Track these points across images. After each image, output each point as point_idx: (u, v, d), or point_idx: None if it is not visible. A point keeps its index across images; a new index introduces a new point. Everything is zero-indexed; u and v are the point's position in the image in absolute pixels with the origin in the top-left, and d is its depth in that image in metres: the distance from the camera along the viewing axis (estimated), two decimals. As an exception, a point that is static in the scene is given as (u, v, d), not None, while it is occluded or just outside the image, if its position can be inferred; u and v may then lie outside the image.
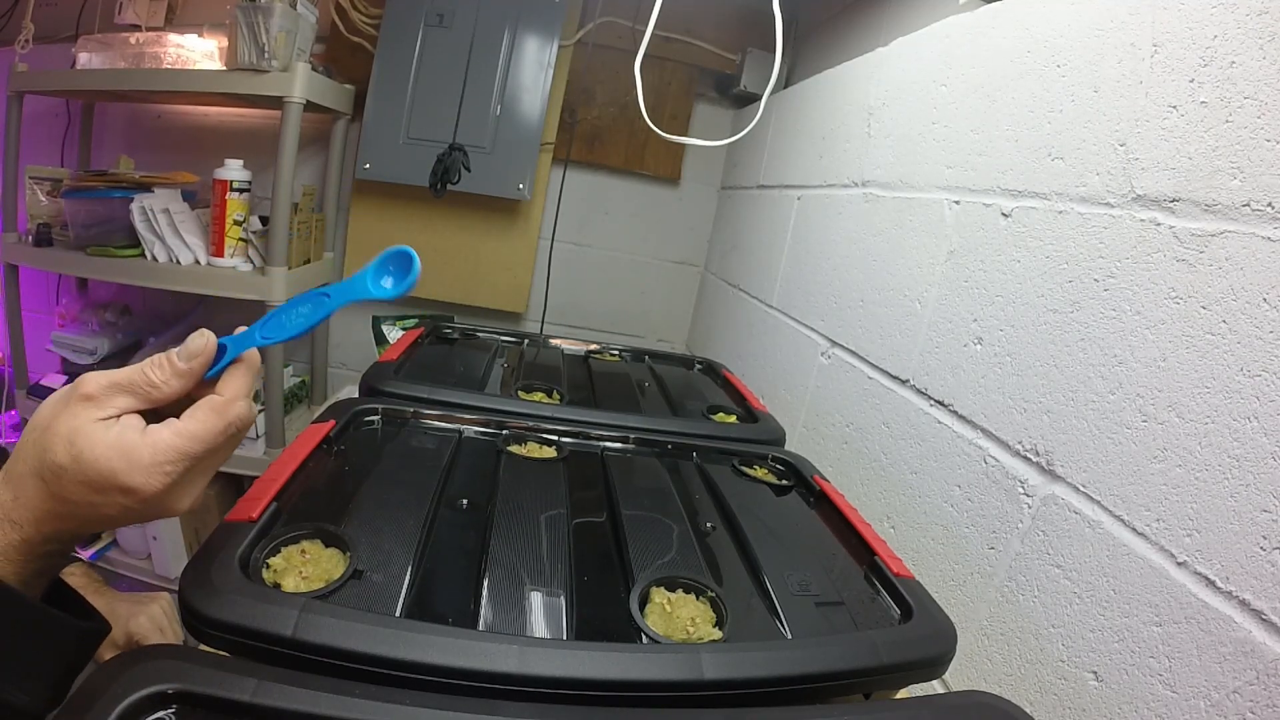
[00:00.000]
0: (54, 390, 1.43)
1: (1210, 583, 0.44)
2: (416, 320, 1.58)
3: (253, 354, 0.42)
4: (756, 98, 1.26)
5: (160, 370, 0.39)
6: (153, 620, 0.73)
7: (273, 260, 1.31)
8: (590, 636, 0.43)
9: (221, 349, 0.41)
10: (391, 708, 0.33)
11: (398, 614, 0.42)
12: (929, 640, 0.46)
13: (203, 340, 0.40)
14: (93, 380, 0.37)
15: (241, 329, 0.43)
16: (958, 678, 0.65)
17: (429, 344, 1.00)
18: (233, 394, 0.40)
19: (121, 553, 1.51)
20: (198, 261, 1.33)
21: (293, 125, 1.24)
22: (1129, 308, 0.53)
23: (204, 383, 0.41)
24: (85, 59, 1.36)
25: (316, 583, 0.42)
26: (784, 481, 0.71)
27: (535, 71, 1.47)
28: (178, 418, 0.39)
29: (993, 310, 0.68)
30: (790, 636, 0.46)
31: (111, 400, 0.37)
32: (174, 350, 0.40)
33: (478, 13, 1.44)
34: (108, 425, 0.37)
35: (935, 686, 0.57)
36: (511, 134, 1.48)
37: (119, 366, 0.39)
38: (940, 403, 0.74)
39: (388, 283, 0.43)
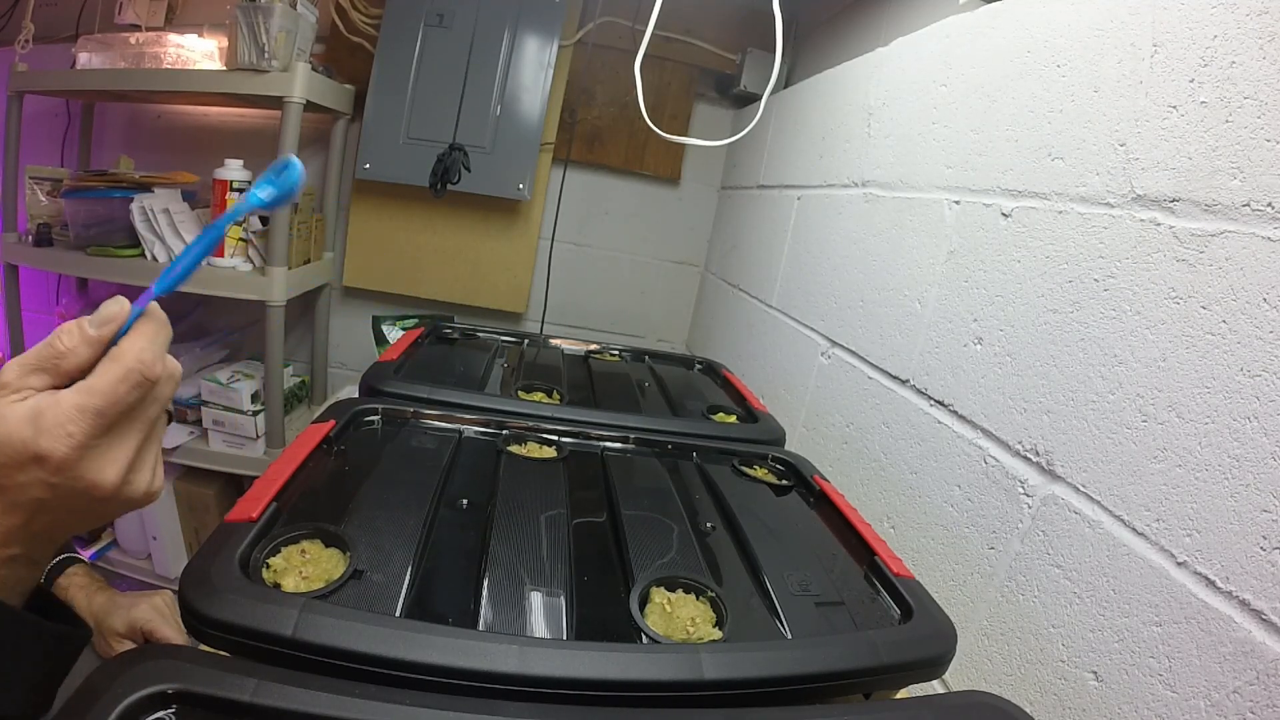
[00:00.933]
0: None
1: (1210, 583, 0.44)
2: (416, 320, 1.58)
3: (153, 307, 0.40)
4: (756, 98, 1.26)
5: (69, 336, 0.37)
6: (154, 609, 0.73)
7: (273, 260, 1.31)
8: (590, 636, 0.43)
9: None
10: (391, 708, 0.33)
11: (398, 614, 0.42)
12: (929, 640, 0.46)
13: (116, 306, 0.38)
14: (8, 368, 0.36)
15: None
16: (958, 678, 0.65)
17: (429, 344, 1.00)
18: (130, 342, 0.38)
19: (121, 553, 1.52)
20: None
21: (293, 125, 1.24)
22: (1129, 308, 0.53)
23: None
24: (85, 59, 1.36)
25: (316, 583, 0.42)
26: (784, 481, 0.71)
27: (535, 71, 1.47)
28: None
29: (993, 310, 0.68)
30: (790, 636, 0.46)
31: (25, 381, 0.36)
32: (85, 317, 0.38)
33: (478, 13, 1.44)
34: (21, 401, 0.35)
35: (935, 686, 0.57)
36: (511, 134, 1.48)
37: None
38: (940, 403, 0.74)
39: (266, 193, 0.42)
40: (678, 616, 0.45)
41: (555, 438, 0.71)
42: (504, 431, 0.71)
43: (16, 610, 0.36)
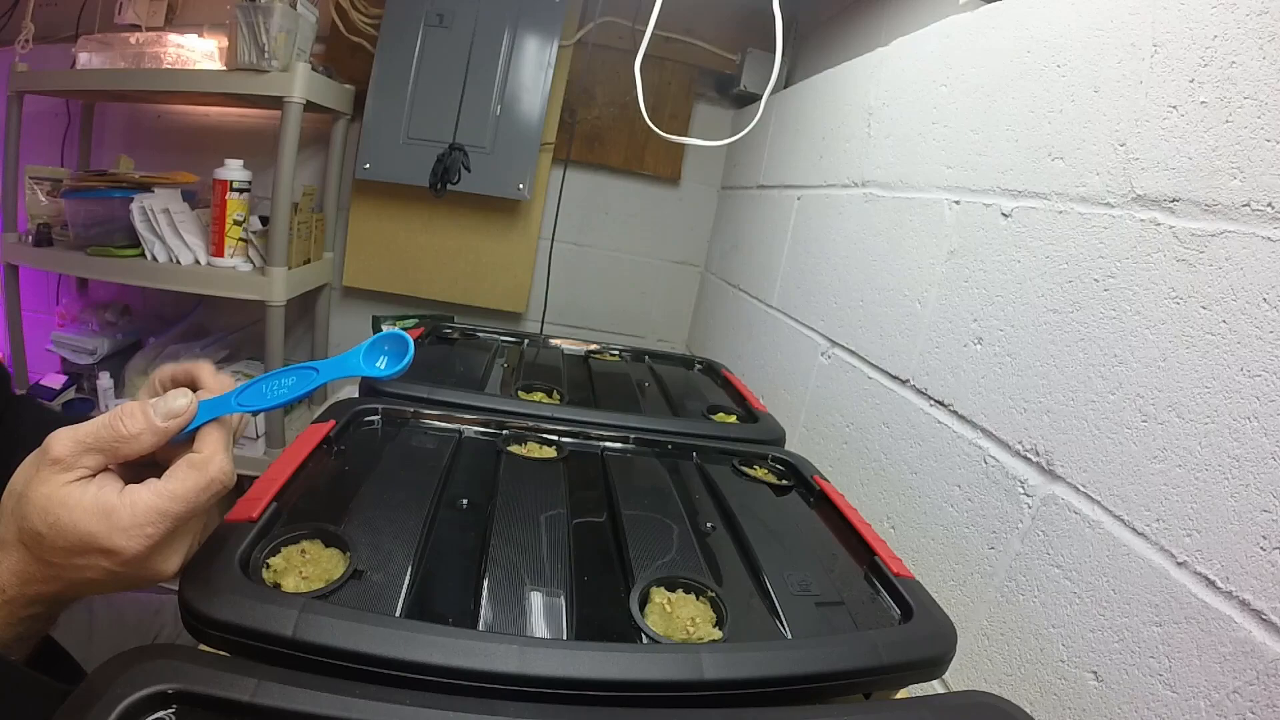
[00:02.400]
0: (54, 390, 1.42)
1: (1210, 583, 0.44)
2: (416, 320, 1.58)
3: (228, 416, 0.41)
4: (756, 98, 1.26)
5: (133, 421, 0.38)
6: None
7: (273, 260, 1.31)
8: (590, 636, 0.43)
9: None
10: (391, 708, 0.33)
11: (398, 614, 0.42)
12: (929, 640, 0.46)
13: (185, 401, 0.39)
14: (59, 442, 0.36)
15: (206, 394, 0.41)
16: (958, 678, 0.65)
17: (429, 344, 1.00)
18: (211, 450, 0.39)
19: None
20: (198, 261, 1.33)
21: (293, 125, 1.24)
22: (1129, 308, 0.53)
23: (171, 444, 0.39)
24: (85, 59, 1.36)
25: (316, 583, 0.42)
26: (784, 481, 0.71)
27: (535, 71, 1.47)
28: (154, 476, 0.38)
29: (993, 310, 0.68)
30: (790, 636, 0.46)
31: (80, 460, 0.36)
32: (150, 401, 0.39)
33: (478, 13, 1.44)
34: (83, 486, 0.36)
35: (935, 686, 0.57)
36: (511, 134, 1.48)
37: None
38: (940, 403, 0.74)
39: (382, 363, 0.43)
40: (678, 616, 0.45)
41: (555, 438, 0.71)
42: (504, 431, 0.71)
43: (29, 671, 0.37)
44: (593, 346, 1.10)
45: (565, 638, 0.42)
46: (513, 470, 0.63)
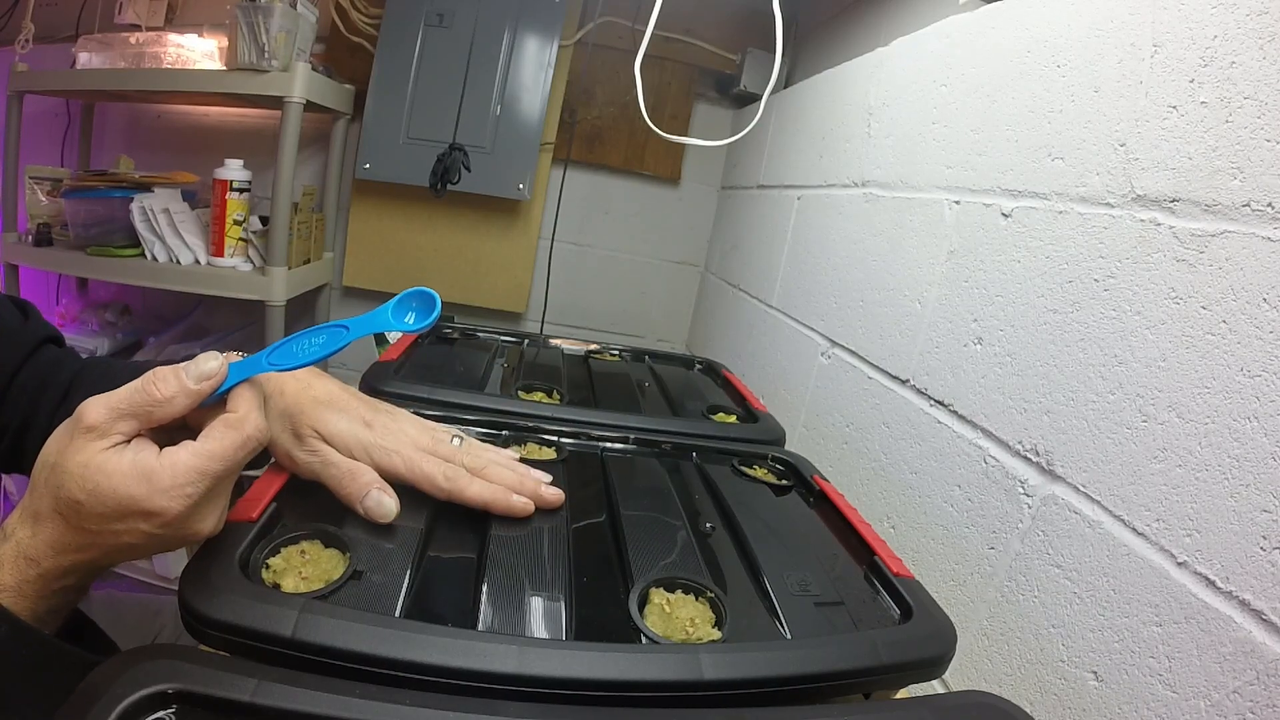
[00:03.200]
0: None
1: (1210, 583, 0.44)
2: (416, 320, 1.57)
3: (258, 376, 0.42)
4: (756, 98, 1.26)
5: (166, 385, 0.38)
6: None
7: (273, 260, 1.31)
8: (589, 637, 0.43)
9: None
10: (391, 708, 0.33)
11: (397, 614, 0.41)
12: (929, 640, 0.46)
13: (216, 363, 0.40)
14: (92, 409, 0.37)
15: (235, 356, 0.42)
16: (958, 678, 0.65)
17: (429, 344, 1.00)
18: (246, 409, 0.40)
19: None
20: (198, 261, 1.33)
21: (293, 125, 1.24)
22: (1129, 308, 0.53)
23: (200, 409, 0.40)
24: (85, 59, 1.36)
25: (316, 583, 0.42)
26: (784, 481, 0.71)
27: (535, 71, 1.47)
28: (187, 439, 0.38)
29: (993, 310, 0.68)
30: (790, 636, 0.46)
31: (114, 426, 0.37)
32: (181, 366, 0.39)
33: (478, 13, 1.44)
34: (120, 452, 0.36)
35: (935, 686, 0.57)
36: (511, 134, 1.48)
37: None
38: (940, 403, 0.74)
39: (410, 318, 0.43)
40: (677, 617, 0.45)
41: (555, 438, 0.71)
42: (503, 432, 0.71)
43: (60, 643, 0.37)
44: (593, 346, 1.10)
45: (564, 638, 0.42)
46: (512, 470, 0.63)
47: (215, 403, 0.41)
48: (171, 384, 0.38)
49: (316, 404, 0.52)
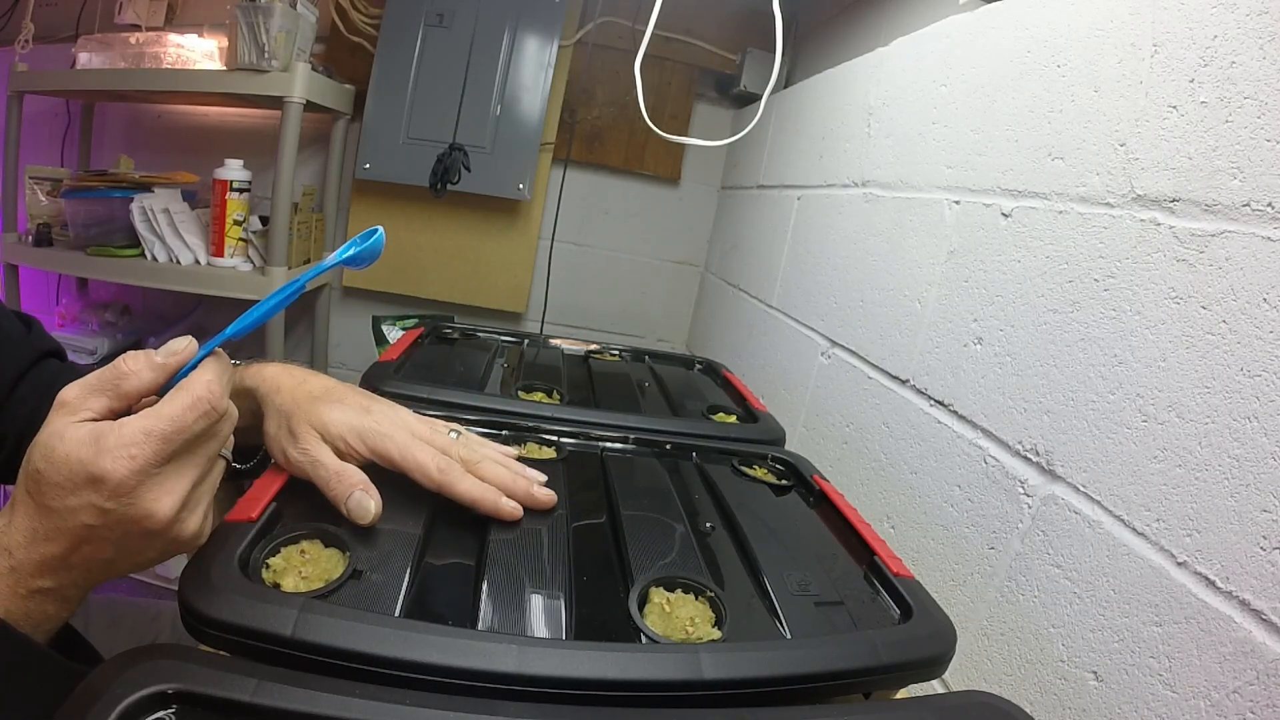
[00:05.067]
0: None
1: (1210, 583, 0.44)
2: (416, 320, 1.58)
3: (219, 351, 0.42)
4: (756, 98, 1.26)
5: (133, 360, 0.39)
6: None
7: (273, 260, 1.31)
8: (589, 636, 0.43)
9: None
10: (391, 708, 0.33)
11: (397, 614, 0.41)
12: (929, 640, 0.46)
13: (184, 342, 0.40)
14: (68, 389, 0.37)
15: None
16: (958, 678, 0.65)
17: (429, 344, 1.00)
18: (199, 374, 0.39)
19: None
20: (198, 261, 1.33)
21: (293, 125, 1.24)
22: (1129, 308, 0.53)
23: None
24: (85, 59, 1.36)
25: (316, 583, 0.42)
26: (784, 481, 0.71)
27: (535, 71, 1.47)
28: None
29: (993, 310, 0.68)
30: (790, 636, 0.46)
31: (85, 403, 0.37)
32: (151, 349, 0.40)
33: (478, 13, 1.44)
34: (82, 425, 0.36)
35: (935, 686, 0.57)
36: (511, 134, 1.48)
37: None
38: (940, 403, 0.74)
39: (351, 251, 0.45)
40: (677, 616, 0.45)
41: (555, 438, 0.71)
42: (503, 432, 0.71)
43: (33, 641, 0.36)
44: (593, 346, 1.10)
45: (564, 638, 0.42)
46: (512, 470, 0.62)
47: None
48: (139, 359, 0.39)
49: (313, 399, 0.52)
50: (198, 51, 1.35)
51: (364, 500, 0.48)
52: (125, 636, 0.71)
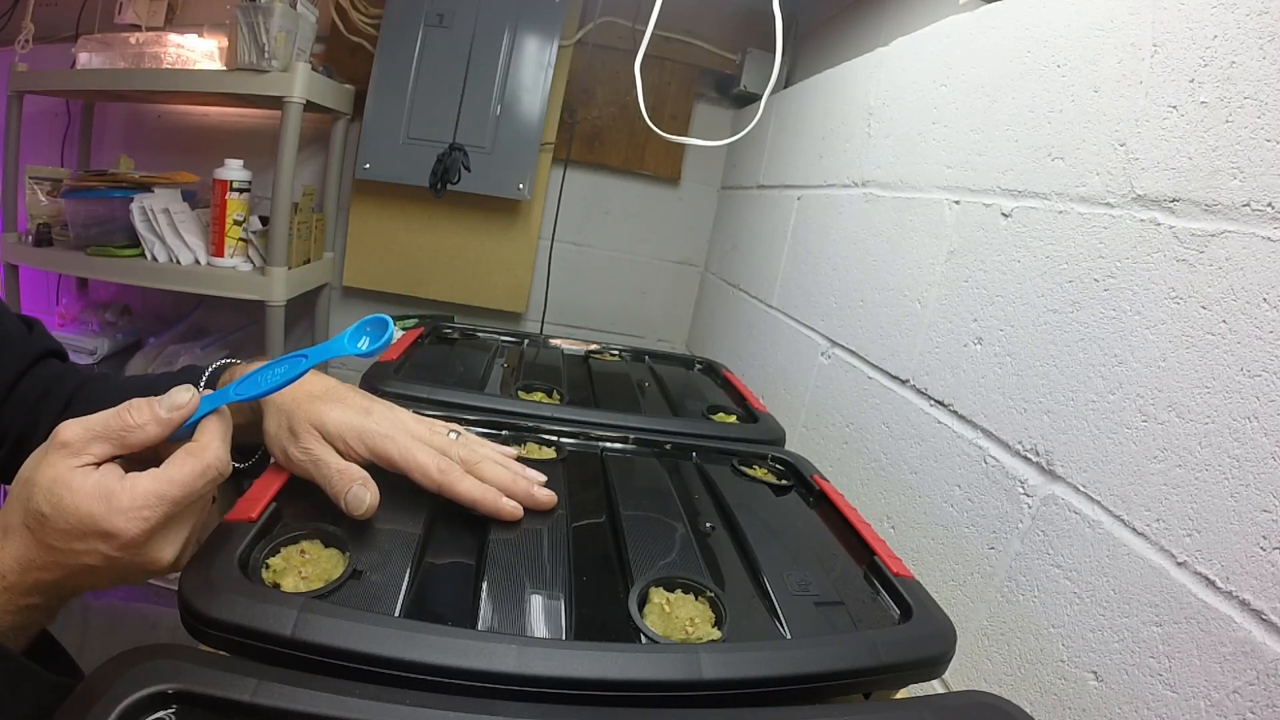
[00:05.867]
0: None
1: (1210, 583, 0.44)
2: (416, 320, 1.58)
3: (225, 408, 0.44)
4: (756, 98, 1.26)
5: (139, 413, 0.40)
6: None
7: (273, 260, 1.31)
8: (589, 636, 0.43)
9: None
10: (391, 708, 0.33)
11: (397, 614, 0.42)
12: (929, 640, 0.46)
13: (187, 395, 0.42)
14: (69, 429, 0.38)
15: (208, 391, 0.45)
16: (958, 678, 0.65)
17: (429, 344, 1.00)
18: (209, 439, 0.41)
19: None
20: (198, 261, 1.33)
21: (293, 125, 1.24)
22: (1129, 308, 0.53)
23: (176, 440, 0.42)
24: (85, 59, 1.36)
25: (316, 583, 0.42)
26: (784, 481, 0.71)
27: (535, 71, 1.47)
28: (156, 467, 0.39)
29: (993, 310, 0.68)
30: (790, 636, 0.46)
31: (88, 448, 0.38)
32: (155, 398, 0.41)
33: (478, 13, 1.44)
34: (86, 472, 0.37)
35: (935, 686, 0.57)
36: (511, 134, 1.48)
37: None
38: (940, 403, 0.74)
39: (364, 343, 0.46)
40: (676, 616, 0.45)
41: (555, 438, 0.71)
42: (503, 432, 0.71)
43: (18, 656, 0.37)
44: (593, 346, 1.10)
45: (564, 638, 0.42)
46: (512, 470, 0.62)
47: (187, 435, 0.43)
48: (145, 412, 0.40)
49: (313, 399, 0.53)
50: (198, 51, 1.35)
51: (360, 493, 0.48)
52: (123, 644, 0.71)
